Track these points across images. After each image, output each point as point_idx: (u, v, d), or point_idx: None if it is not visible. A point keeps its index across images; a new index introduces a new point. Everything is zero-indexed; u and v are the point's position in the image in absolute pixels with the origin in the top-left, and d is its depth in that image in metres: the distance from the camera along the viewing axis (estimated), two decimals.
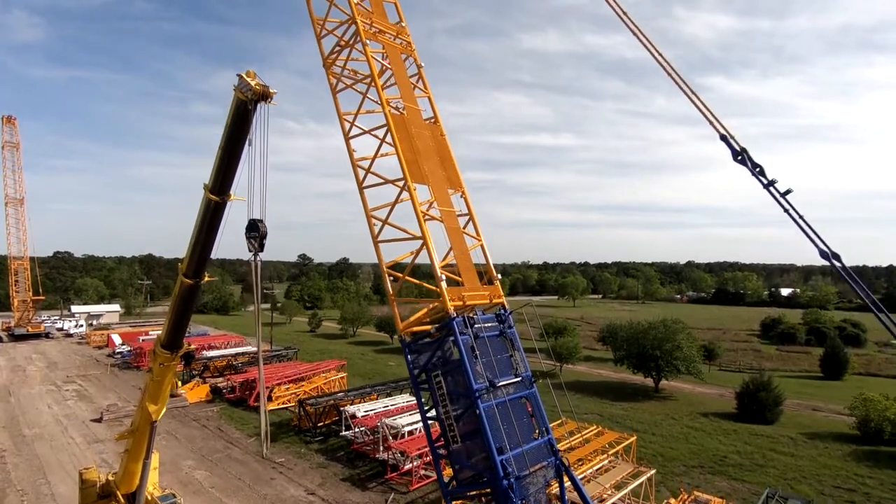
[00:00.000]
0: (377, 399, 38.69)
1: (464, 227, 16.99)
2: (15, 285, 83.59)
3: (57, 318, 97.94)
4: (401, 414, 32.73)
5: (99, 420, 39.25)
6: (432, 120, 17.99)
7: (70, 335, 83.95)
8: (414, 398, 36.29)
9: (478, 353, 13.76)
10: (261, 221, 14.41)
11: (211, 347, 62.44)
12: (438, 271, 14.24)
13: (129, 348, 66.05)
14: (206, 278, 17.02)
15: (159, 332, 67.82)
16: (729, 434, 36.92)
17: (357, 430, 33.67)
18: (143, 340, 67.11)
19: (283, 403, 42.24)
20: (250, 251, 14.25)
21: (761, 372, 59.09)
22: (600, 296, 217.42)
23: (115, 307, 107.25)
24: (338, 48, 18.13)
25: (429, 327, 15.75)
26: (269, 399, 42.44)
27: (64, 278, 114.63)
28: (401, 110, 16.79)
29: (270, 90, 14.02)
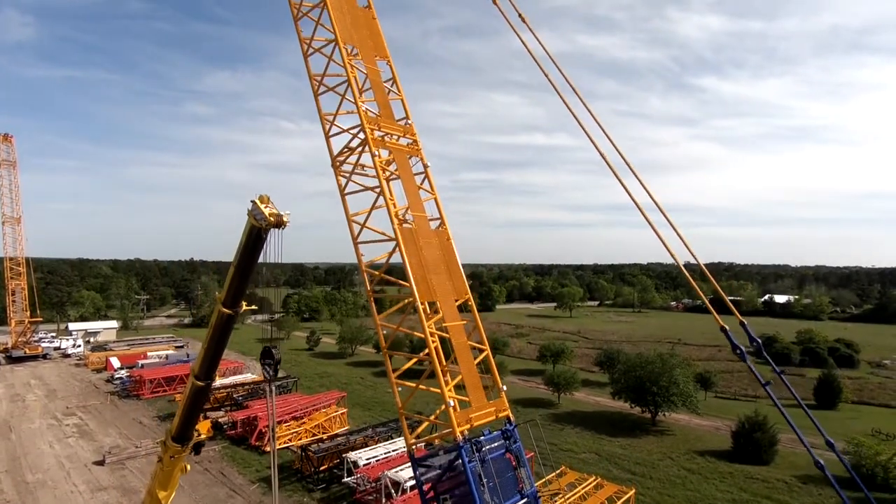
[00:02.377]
0: (378, 443, 39.02)
1: (468, 331, 17.47)
2: (12, 305, 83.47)
3: (53, 334, 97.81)
4: (403, 465, 33.09)
5: (101, 463, 39.44)
6: (438, 222, 18.41)
7: (68, 355, 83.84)
8: (421, 444, 36.73)
9: (485, 480, 14.23)
10: (275, 348, 14.79)
11: None
12: (447, 396, 14.68)
13: (127, 373, 66.07)
14: (217, 378, 17.35)
15: (158, 353, 68.23)
16: (725, 478, 37.50)
17: (359, 477, 34.03)
18: (141, 366, 67.17)
19: (284, 443, 42.52)
20: (266, 378, 14.61)
21: (756, 399, 60.00)
22: (597, 303, 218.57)
23: (113, 323, 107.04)
24: (347, 150, 18.57)
25: (437, 439, 16.21)
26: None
27: (60, 293, 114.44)
28: (409, 222, 17.19)
29: (284, 218, 14.34)
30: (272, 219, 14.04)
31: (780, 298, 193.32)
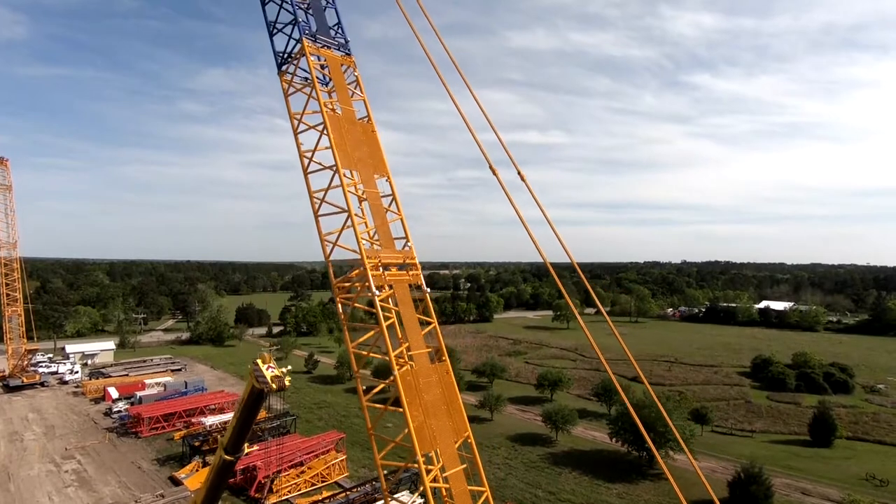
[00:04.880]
0: (378, 501, 39.15)
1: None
2: (9, 332, 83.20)
3: (51, 355, 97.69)
4: None
5: None
6: (438, 353, 18.50)
7: (65, 382, 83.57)
8: (417, 500, 36.88)
9: None
10: None
11: (207, 410, 62.26)
12: None
13: (125, 406, 66.10)
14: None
15: (157, 380, 67.62)
16: None
17: None
18: (139, 399, 66.98)
19: (284, 495, 42.64)
20: None
21: (752, 435, 60.42)
22: (594, 310, 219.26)
23: (110, 344, 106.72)
24: (348, 282, 18.67)
25: None
26: (270, 491, 42.90)
27: (56, 314, 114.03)
28: (410, 363, 17.27)
29: (286, 381, 14.46)
30: (274, 385, 14.15)
31: (777, 305, 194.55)
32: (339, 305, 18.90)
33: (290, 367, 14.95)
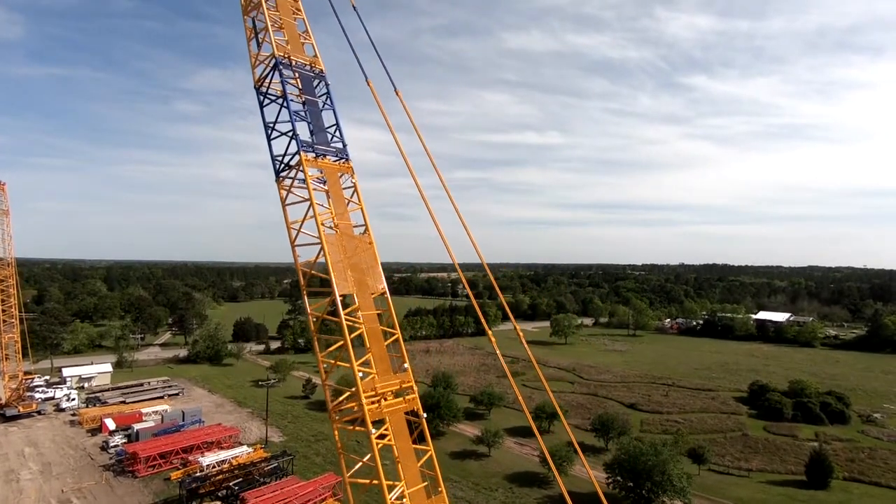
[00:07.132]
0: None
1: None
2: (6, 360, 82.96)
3: (48, 376, 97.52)
4: None
5: None
6: (434, 484, 18.48)
7: (62, 409, 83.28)
8: None
9: None
10: None
11: (205, 446, 62.07)
12: None
13: (122, 440, 66.03)
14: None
15: (154, 408, 67.59)
16: None
17: None
18: (136, 433, 66.79)
19: None
20: None
21: (749, 474, 60.49)
22: (592, 321, 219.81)
23: (107, 367, 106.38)
24: (340, 402, 18.65)
25: None
26: None
27: (53, 335, 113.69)
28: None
29: None
30: None
31: (774, 317, 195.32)
32: (337, 433, 18.94)
33: None
